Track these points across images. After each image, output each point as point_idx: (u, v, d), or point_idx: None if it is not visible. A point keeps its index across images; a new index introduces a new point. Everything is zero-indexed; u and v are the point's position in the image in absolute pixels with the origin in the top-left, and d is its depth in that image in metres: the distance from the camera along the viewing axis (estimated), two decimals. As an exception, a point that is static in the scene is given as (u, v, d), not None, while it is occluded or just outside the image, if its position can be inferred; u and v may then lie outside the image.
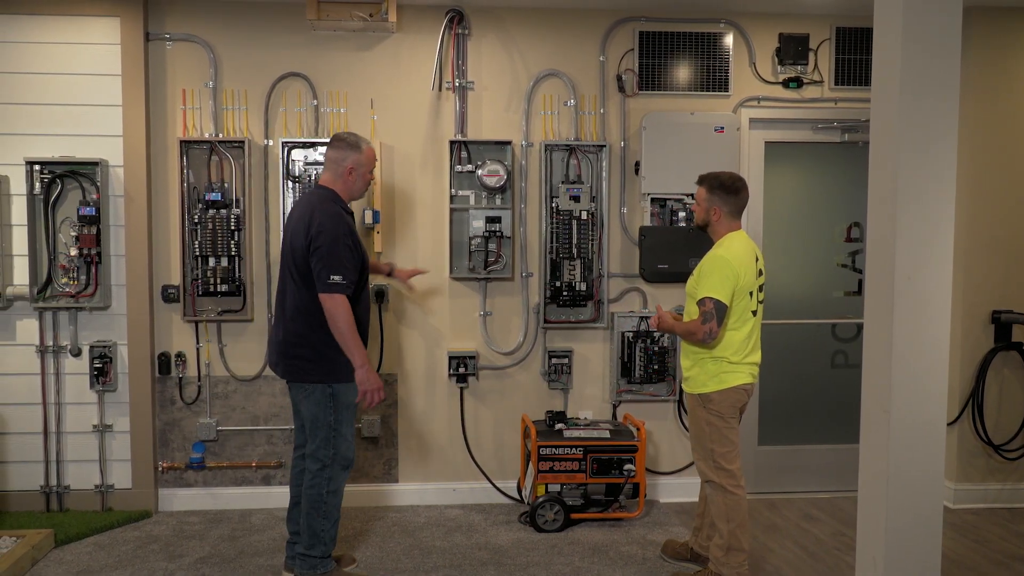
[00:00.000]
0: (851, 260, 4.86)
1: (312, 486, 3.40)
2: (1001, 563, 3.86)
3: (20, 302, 4.34)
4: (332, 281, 3.21)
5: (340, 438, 3.41)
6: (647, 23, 4.57)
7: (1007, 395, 4.63)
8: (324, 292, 3.23)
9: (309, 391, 3.38)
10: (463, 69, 4.52)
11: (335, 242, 3.23)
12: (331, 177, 3.43)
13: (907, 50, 2.49)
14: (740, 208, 3.47)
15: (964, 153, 4.43)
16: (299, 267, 3.32)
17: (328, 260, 3.22)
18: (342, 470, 3.44)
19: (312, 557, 3.42)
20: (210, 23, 4.41)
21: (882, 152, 2.59)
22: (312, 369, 3.36)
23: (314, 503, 3.39)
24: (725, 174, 3.48)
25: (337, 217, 3.30)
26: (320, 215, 3.27)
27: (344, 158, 3.40)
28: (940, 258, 2.53)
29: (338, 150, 3.41)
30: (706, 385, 3.39)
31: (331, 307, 3.23)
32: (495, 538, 4.10)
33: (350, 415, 3.45)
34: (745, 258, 3.35)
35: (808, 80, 4.67)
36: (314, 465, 3.40)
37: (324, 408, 3.37)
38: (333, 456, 3.40)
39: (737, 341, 3.36)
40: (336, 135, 3.47)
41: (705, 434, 3.42)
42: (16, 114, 4.31)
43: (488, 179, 4.39)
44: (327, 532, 3.42)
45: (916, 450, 2.57)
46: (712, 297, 3.28)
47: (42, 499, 4.41)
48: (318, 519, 3.39)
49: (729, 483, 3.37)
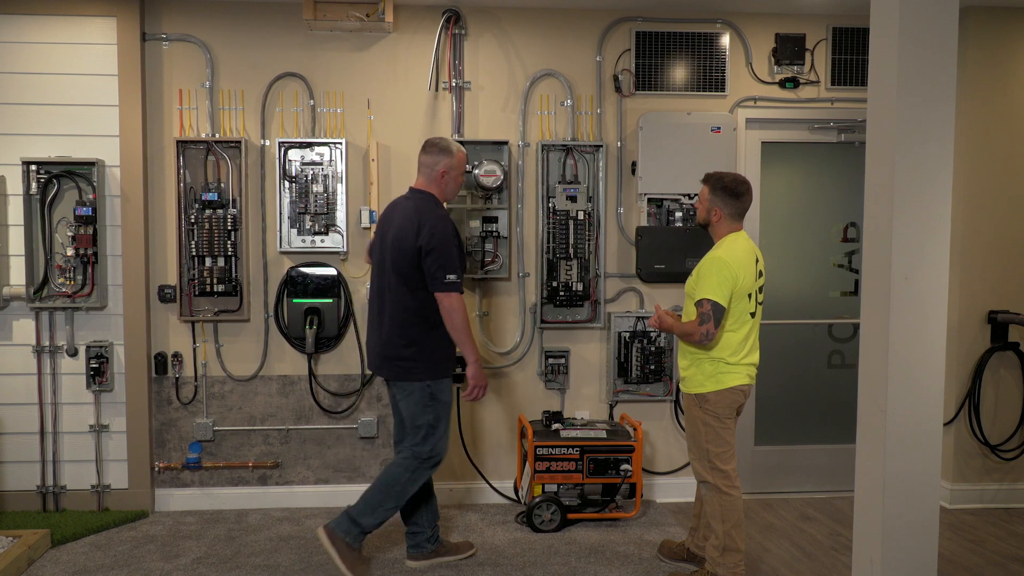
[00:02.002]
0: (847, 260, 4.87)
1: (398, 466, 3.50)
2: (998, 563, 3.87)
3: (17, 302, 4.34)
4: (448, 280, 3.37)
5: (437, 436, 3.54)
6: (644, 23, 4.58)
7: (1003, 395, 4.63)
8: (441, 291, 3.39)
9: (409, 391, 3.50)
10: (460, 69, 4.52)
11: (447, 243, 3.39)
12: (425, 181, 3.57)
13: (904, 50, 2.49)
14: (742, 211, 3.46)
15: (960, 153, 4.43)
16: (403, 270, 3.43)
17: (443, 260, 3.37)
18: (431, 468, 3.56)
19: (355, 523, 3.46)
20: (206, 23, 4.40)
21: (878, 152, 2.59)
22: (416, 369, 3.48)
23: (390, 483, 3.49)
24: (729, 176, 3.45)
25: (446, 220, 3.45)
26: (431, 219, 3.41)
27: (437, 162, 3.54)
28: (936, 258, 2.54)
29: (431, 155, 3.55)
30: (703, 385, 3.39)
31: (448, 305, 3.39)
32: (492, 538, 4.10)
33: (447, 412, 3.57)
34: (744, 260, 3.34)
35: (804, 80, 4.67)
36: (406, 453, 3.53)
37: (423, 407, 3.50)
38: (430, 452, 3.52)
39: (735, 342, 3.36)
40: (429, 140, 3.61)
41: (701, 434, 3.42)
42: (12, 114, 4.30)
43: (485, 179, 4.39)
44: (386, 511, 3.48)
45: (913, 450, 2.57)
46: (710, 299, 3.28)
47: (38, 499, 4.41)
48: (385, 496, 3.48)
49: (724, 484, 3.37)
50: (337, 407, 4.57)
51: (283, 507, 4.55)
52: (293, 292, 4.44)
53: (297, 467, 4.57)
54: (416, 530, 3.75)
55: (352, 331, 4.53)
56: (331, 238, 4.44)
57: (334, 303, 4.45)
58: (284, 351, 4.52)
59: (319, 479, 4.58)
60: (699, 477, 3.47)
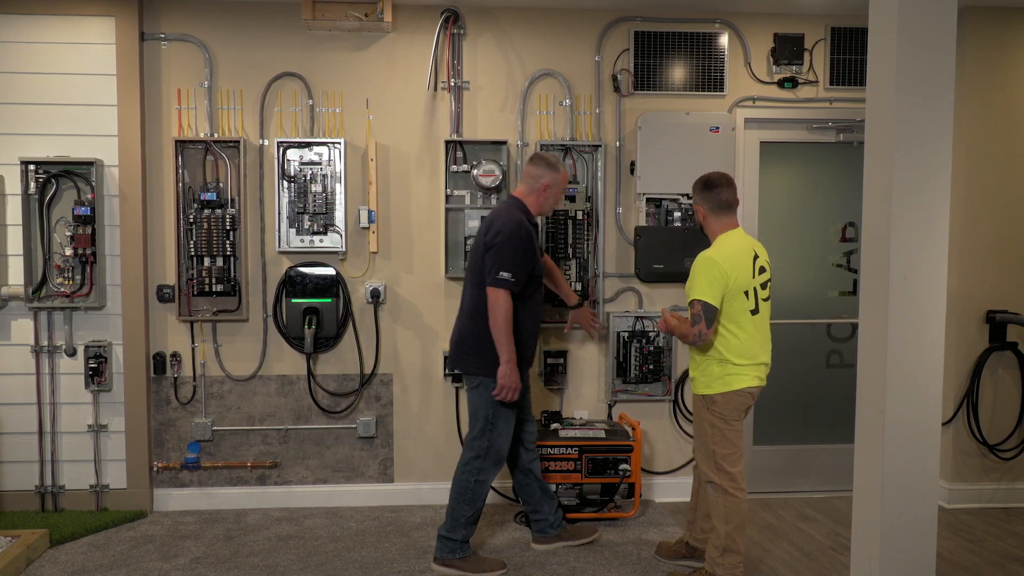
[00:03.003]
0: (846, 260, 4.87)
1: (463, 472, 3.65)
2: (996, 563, 3.87)
3: (15, 302, 4.33)
4: (500, 277, 3.46)
5: (496, 432, 3.63)
6: (642, 23, 4.58)
7: (1002, 395, 4.64)
8: (490, 285, 3.49)
9: (475, 383, 3.64)
10: (459, 69, 4.52)
11: (508, 242, 3.48)
12: (526, 190, 3.70)
13: (902, 50, 2.49)
14: (722, 204, 3.42)
15: (959, 153, 4.44)
16: (475, 266, 3.62)
17: (499, 257, 3.47)
18: (494, 464, 3.67)
19: (452, 540, 3.64)
20: (205, 23, 4.40)
21: (877, 152, 2.59)
22: (479, 364, 3.60)
23: (461, 489, 3.64)
24: (707, 173, 3.49)
25: (517, 223, 3.54)
26: (502, 219, 3.55)
27: (542, 175, 3.66)
28: (935, 258, 2.54)
29: (538, 167, 3.68)
30: (710, 387, 3.38)
31: (493, 300, 3.48)
32: (491, 538, 4.10)
33: (510, 413, 3.65)
34: (736, 258, 3.32)
35: (803, 80, 4.68)
36: (468, 453, 3.66)
37: (485, 401, 3.61)
38: (487, 448, 3.63)
39: (738, 342, 3.34)
40: (537, 154, 3.76)
41: (708, 435, 3.41)
42: (11, 114, 4.30)
43: (484, 179, 4.39)
44: (468, 518, 3.64)
45: (911, 450, 2.57)
46: (700, 299, 3.27)
47: (37, 499, 4.41)
48: (461, 504, 3.63)
49: (730, 485, 3.37)
50: (336, 407, 4.57)
51: (282, 507, 4.55)
52: (292, 292, 4.44)
53: (296, 467, 4.57)
54: (539, 516, 3.95)
55: (351, 331, 4.53)
56: (330, 238, 4.44)
57: (333, 303, 4.44)
58: (283, 351, 4.52)
59: (318, 479, 4.58)
60: (705, 477, 3.46)
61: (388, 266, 4.54)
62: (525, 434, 3.90)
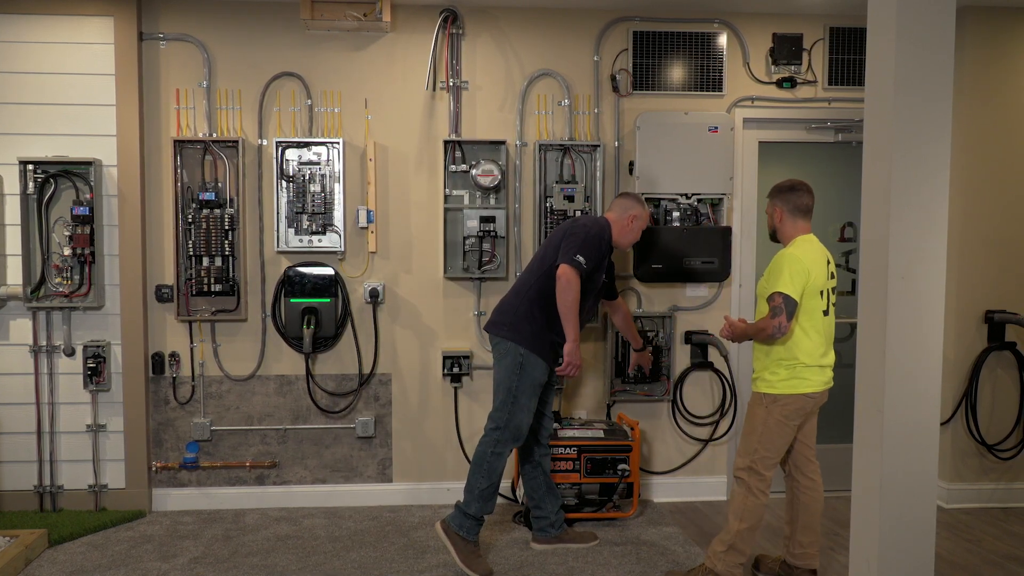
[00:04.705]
0: (845, 260, 4.87)
1: (481, 443, 3.73)
2: (995, 563, 3.87)
3: (14, 302, 4.33)
4: (575, 258, 3.62)
5: (517, 406, 3.70)
6: (641, 23, 4.58)
7: (1000, 395, 4.64)
8: (564, 262, 3.62)
9: (504, 351, 3.73)
10: (457, 69, 4.52)
11: (588, 236, 3.68)
12: (616, 216, 3.89)
13: (901, 50, 2.49)
14: (800, 206, 3.47)
15: (958, 153, 4.44)
16: (540, 256, 3.80)
17: (575, 242, 3.65)
18: (512, 439, 3.72)
19: (465, 515, 3.67)
20: (204, 23, 4.40)
21: (876, 152, 2.59)
22: (509, 332, 3.73)
23: (478, 460, 3.71)
24: (790, 178, 3.57)
25: (602, 227, 3.76)
26: (590, 220, 3.79)
27: (632, 207, 3.89)
28: (934, 258, 2.53)
29: (630, 201, 3.92)
30: (775, 387, 3.39)
31: (565, 277, 3.62)
32: (489, 538, 4.10)
33: (532, 390, 3.73)
34: (816, 258, 3.37)
35: (802, 80, 4.68)
36: (489, 424, 3.74)
37: (511, 373, 3.71)
38: (507, 421, 3.70)
39: (809, 343, 3.36)
40: (629, 191, 4.12)
41: (757, 433, 3.41)
42: (9, 114, 4.30)
43: (482, 179, 4.39)
44: (483, 491, 3.67)
45: (910, 450, 2.57)
46: (782, 292, 3.29)
47: (36, 499, 4.40)
48: (477, 476, 3.69)
49: (757, 487, 3.38)
50: (335, 407, 4.56)
51: (280, 507, 4.55)
52: (291, 292, 4.44)
53: (294, 467, 4.57)
54: (540, 514, 3.98)
55: (350, 331, 4.53)
56: (328, 238, 4.44)
57: (332, 303, 4.44)
58: (281, 351, 4.52)
59: (316, 479, 4.58)
60: (735, 470, 3.46)
61: (387, 266, 4.54)
62: (542, 428, 3.96)
